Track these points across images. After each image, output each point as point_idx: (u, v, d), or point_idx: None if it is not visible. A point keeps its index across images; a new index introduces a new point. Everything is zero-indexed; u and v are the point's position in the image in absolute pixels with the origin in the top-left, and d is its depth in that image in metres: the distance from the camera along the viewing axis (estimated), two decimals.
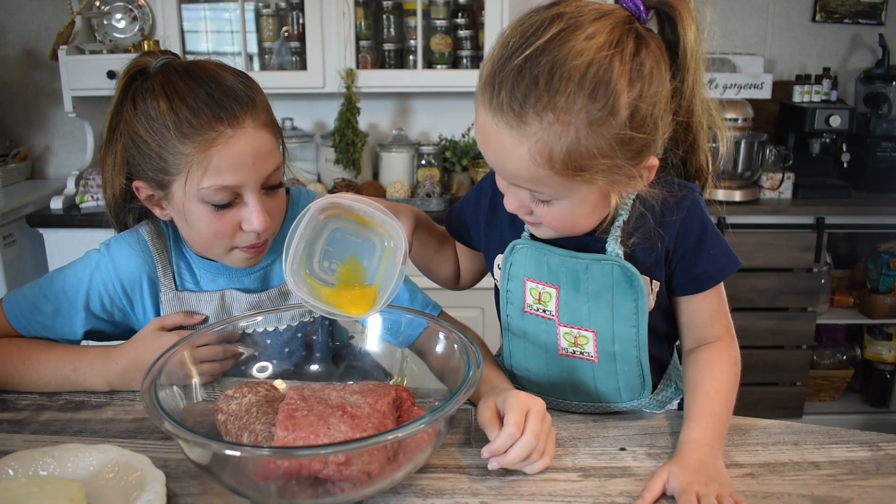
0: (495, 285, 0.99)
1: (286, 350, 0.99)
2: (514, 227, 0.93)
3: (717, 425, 0.83)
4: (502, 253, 0.93)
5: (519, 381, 0.98)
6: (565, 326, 0.90)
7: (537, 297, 0.90)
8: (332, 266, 0.87)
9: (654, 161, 0.78)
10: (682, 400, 0.97)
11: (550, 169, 0.73)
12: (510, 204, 0.82)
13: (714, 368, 0.89)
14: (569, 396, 0.94)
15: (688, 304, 0.91)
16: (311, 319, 1.02)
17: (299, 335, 1.01)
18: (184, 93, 0.92)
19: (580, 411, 0.95)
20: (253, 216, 0.95)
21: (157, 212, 1.02)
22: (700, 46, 0.80)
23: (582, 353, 0.90)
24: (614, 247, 0.86)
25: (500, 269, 0.94)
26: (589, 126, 0.70)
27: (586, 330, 0.88)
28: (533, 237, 0.90)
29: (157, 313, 1.06)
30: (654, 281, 0.88)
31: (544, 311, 0.90)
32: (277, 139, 0.99)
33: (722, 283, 0.91)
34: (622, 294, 0.86)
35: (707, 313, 0.91)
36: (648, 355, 0.89)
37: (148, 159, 0.94)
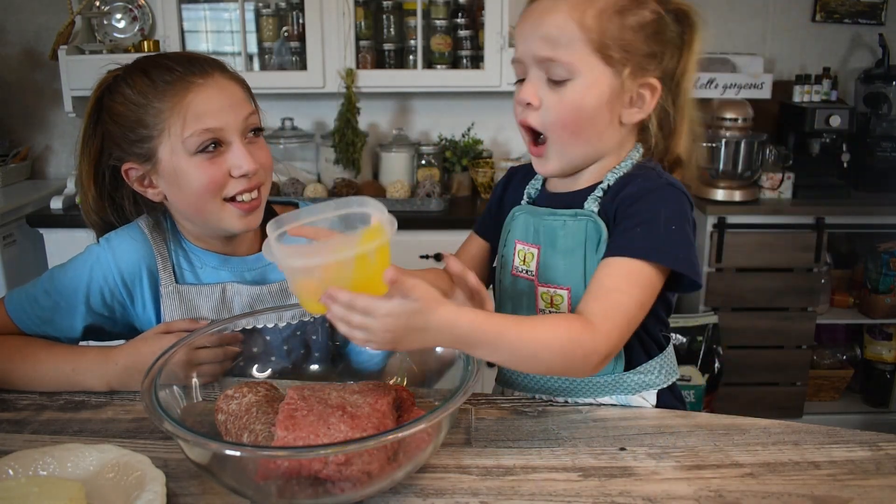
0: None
1: (285, 348, 1.00)
2: (517, 200, 1.01)
3: (497, 337, 0.74)
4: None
5: None
6: (543, 286, 0.93)
7: (523, 258, 0.96)
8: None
9: (655, 83, 0.87)
10: (671, 394, 0.98)
11: (580, 28, 0.83)
12: (526, 90, 0.87)
13: (559, 321, 0.79)
14: None
15: (598, 267, 0.85)
16: (312, 319, 1.02)
17: (298, 333, 1.01)
18: (157, 63, 1.00)
19: (551, 394, 0.96)
20: (240, 158, 0.99)
21: (149, 193, 1.04)
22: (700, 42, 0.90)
23: (557, 313, 0.92)
24: (592, 205, 0.91)
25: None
26: (617, 9, 0.84)
27: (561, 288, 0.92)
28: (530, 204, 0.98)
29: (157, 307, 1.07)
30: None
31: (527, 271, 0.95)
32: (247, 94, 1.05)
33: (643, 283, 0.83)
34: (592, 250, 0.90)
35: (600, 285, 0.82)
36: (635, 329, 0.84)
37: (130, 132, 0.99)
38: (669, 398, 0.98)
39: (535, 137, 0.91)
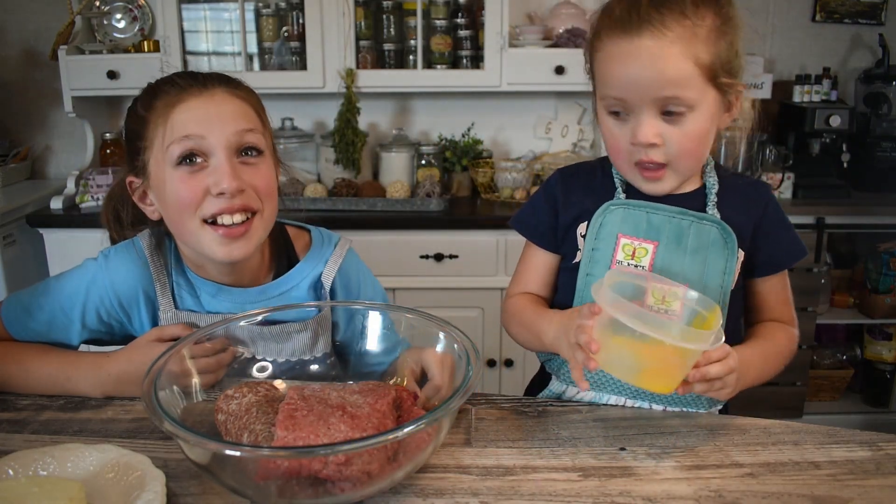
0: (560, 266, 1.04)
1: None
2: (595, 195, 0.99)
3: (763, 363, 0.94)
4: (585, 221, 0.98)
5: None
6: (657, 282, 0.93)
7: (630, 253, 0.95)
8: None
9: (742, 86, 0.92)
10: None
11: (696, 66, 0.86)
12: (647, 132, 0.88)
13: (780, 332, 1.00)
14: None
15: (764, 285, 1.01)
16: (312, 357, 1.01)
17: (297, 368, 0.99)
18: (166, 79, 0.99)
19: (624, 395, 0.97)
20: (219, 174, 0.92)
21: (147, 210, 1.01)
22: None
23: (667, 311, 0.91)
24: (713, 212, 0.96)
25: (582, 237, 0.98)
26: (716, 33, 0.88)
27: (679, 286, 0.92)
28: (629, 197, 0.97)
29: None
30: (739, 249, 0.96)
31: (636, 266, 0.95)
32: (257, 113, 1.00)
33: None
34: (716, 252, 0.95)
35: (781, 297, 1.02)
36: None
37: (130, 145, 0.99)
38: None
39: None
